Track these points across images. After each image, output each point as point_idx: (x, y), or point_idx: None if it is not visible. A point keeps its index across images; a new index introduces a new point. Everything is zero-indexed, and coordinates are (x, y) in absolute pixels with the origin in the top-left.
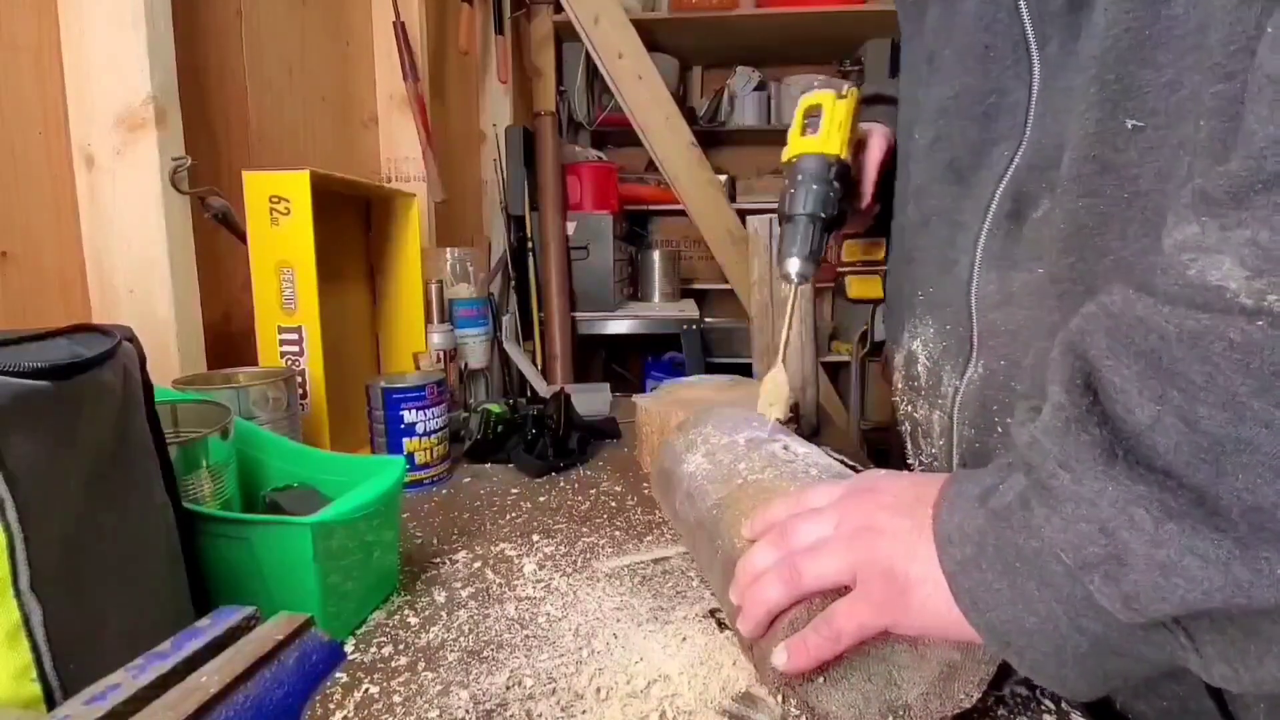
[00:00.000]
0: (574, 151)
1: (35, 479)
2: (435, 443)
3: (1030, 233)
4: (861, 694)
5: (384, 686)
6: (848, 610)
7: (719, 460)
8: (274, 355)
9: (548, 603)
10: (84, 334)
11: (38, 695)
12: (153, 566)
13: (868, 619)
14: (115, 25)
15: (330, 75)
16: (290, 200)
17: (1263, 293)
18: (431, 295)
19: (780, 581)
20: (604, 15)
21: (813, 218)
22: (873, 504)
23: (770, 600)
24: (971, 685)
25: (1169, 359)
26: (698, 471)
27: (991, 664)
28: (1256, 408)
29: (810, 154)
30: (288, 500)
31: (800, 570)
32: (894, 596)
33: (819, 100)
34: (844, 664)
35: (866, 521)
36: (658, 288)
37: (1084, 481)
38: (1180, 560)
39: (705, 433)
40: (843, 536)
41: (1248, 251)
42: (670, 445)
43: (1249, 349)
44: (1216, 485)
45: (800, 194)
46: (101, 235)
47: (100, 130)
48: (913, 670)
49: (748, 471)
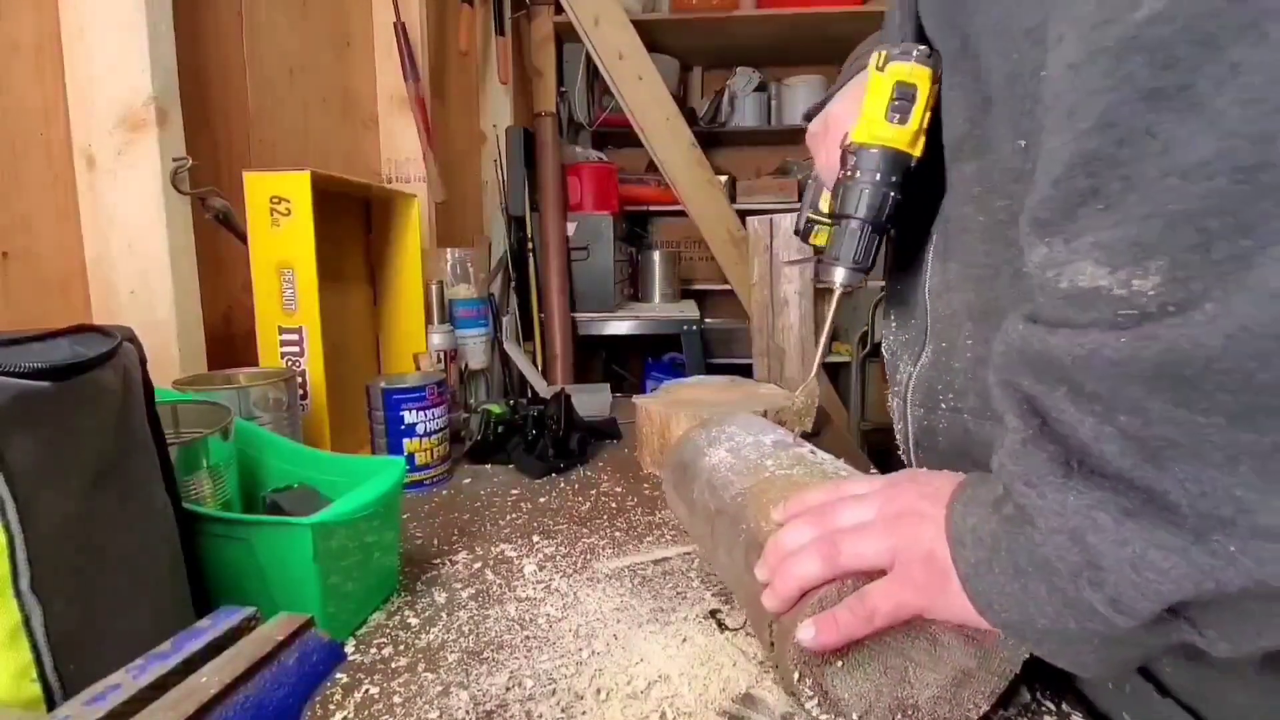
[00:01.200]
0: (574, 152)
1: (36, 479)
2: (436, 443)
3: (954, 227)
4: (874, 685)
5: (384, 687)
6: (885, 590)
7: (744, 455)
8: (274, 356)
9: (548, 603)
10: (84, 334)
11: (38, 695)
12: (153, 567)
13: (906, 599)
14: (116, 26)
15: (331, 76)
16: (291, 201)
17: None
18: (432, 296)
19: (818, 556)
20: (604, 16)
21: (875, 225)
22: (915, 492)
23: (805, 574)
24: (981, 696)
25: (1078, 381)
26: (720, 464)
27: (1004, 679)
28: (1156, 409)
29: (892, 148)
30: (288, 501)
31: (839, 547)
32: (934, 580)
33: (914, 78)
34: (864, 650)
35: (910, 507)
36: (658, 288)
37: (1047, 495)
38: (1145, 553)
39: (729, 431)
40: (885, 519)
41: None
42: (691, 439)
43: (1125, 363)
44: (1161, 481)
45: (868, 192)
46: (102, 236)
47: (101, 131)
48: (928, 670)
49: (775, 467)
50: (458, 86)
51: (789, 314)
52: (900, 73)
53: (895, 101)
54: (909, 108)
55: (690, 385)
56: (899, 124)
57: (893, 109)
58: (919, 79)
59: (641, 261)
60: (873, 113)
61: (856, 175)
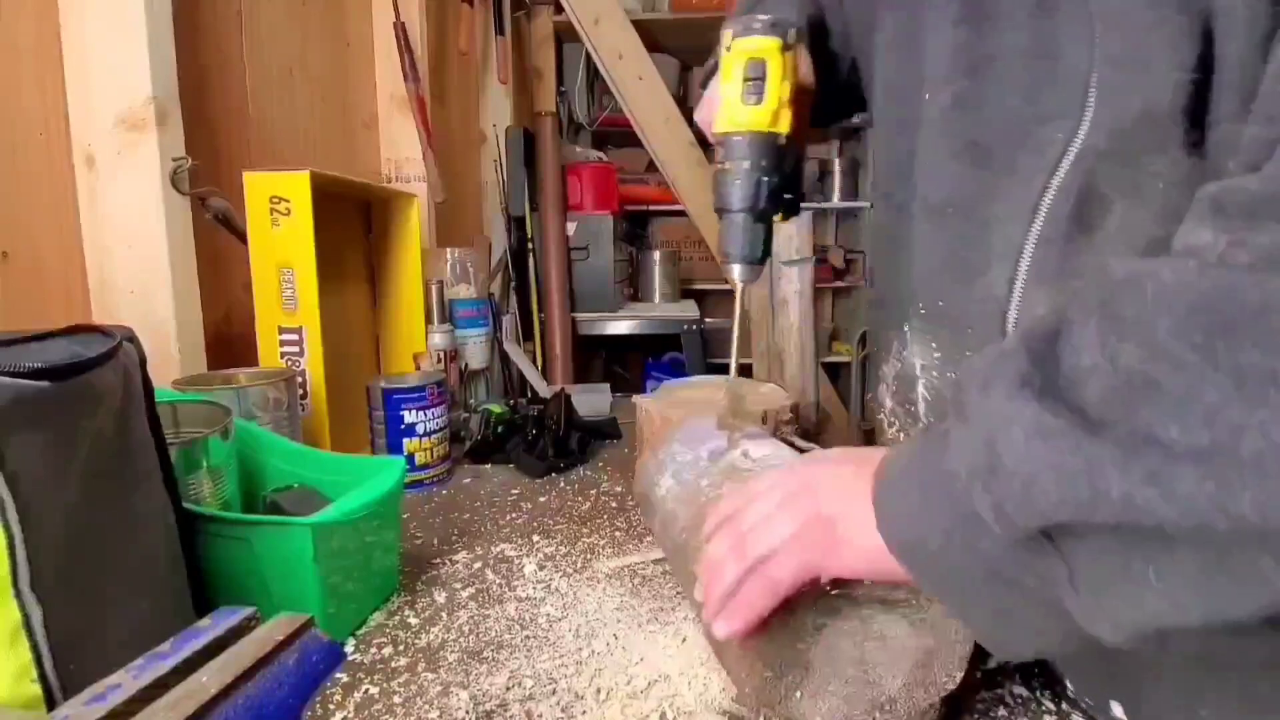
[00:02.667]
0: (574, 152)
1: (35, 479)
2: (435, 443)
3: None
4: (843, 698)
5: (384, 687)
6: (781, 557)
7: (684, 480)
8: (274, 356)
9: (548, 603)
10: (84, 334)
11: (38, 695)
12: (153, 567)
13: (804, 559)
14: (116, 26)
15: (331, 76)
16: (291, 201)
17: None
18: (432, 296)
19: (733, 560)
20: (604, 16)
21: (755, 213)
22: (812, 468)
23: (726, 580)
24: (952, 665)
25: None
26: (668, 495)
27: (966, 641)
28: (1170, 346)
29: (754, 131)
30: (288, 501)
31: (747, 547)
32: (825, 538)
33: (762, 52)
34: (818, 675)
35: (805, 483)
36: (658, 288)
37: (990, 399)
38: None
39: (672, 451)
40: (784, 503)
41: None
42: (644, 469)
43: (1176, 288)
44: (1118, 421)
45: (741, 184)
46: (102, 236)
47: (101, 131)
48: (888, 665)
49: (710, 488)
50: (457, 86)
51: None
52: (746, 49)
53: (748, 81)
54: (762, 85)
55: (690, 385)
56: (755, 104)
57: (748, 91)
58: (767, 52)
59: (641, 261)
60: (729, 97)
61: (727, 166)
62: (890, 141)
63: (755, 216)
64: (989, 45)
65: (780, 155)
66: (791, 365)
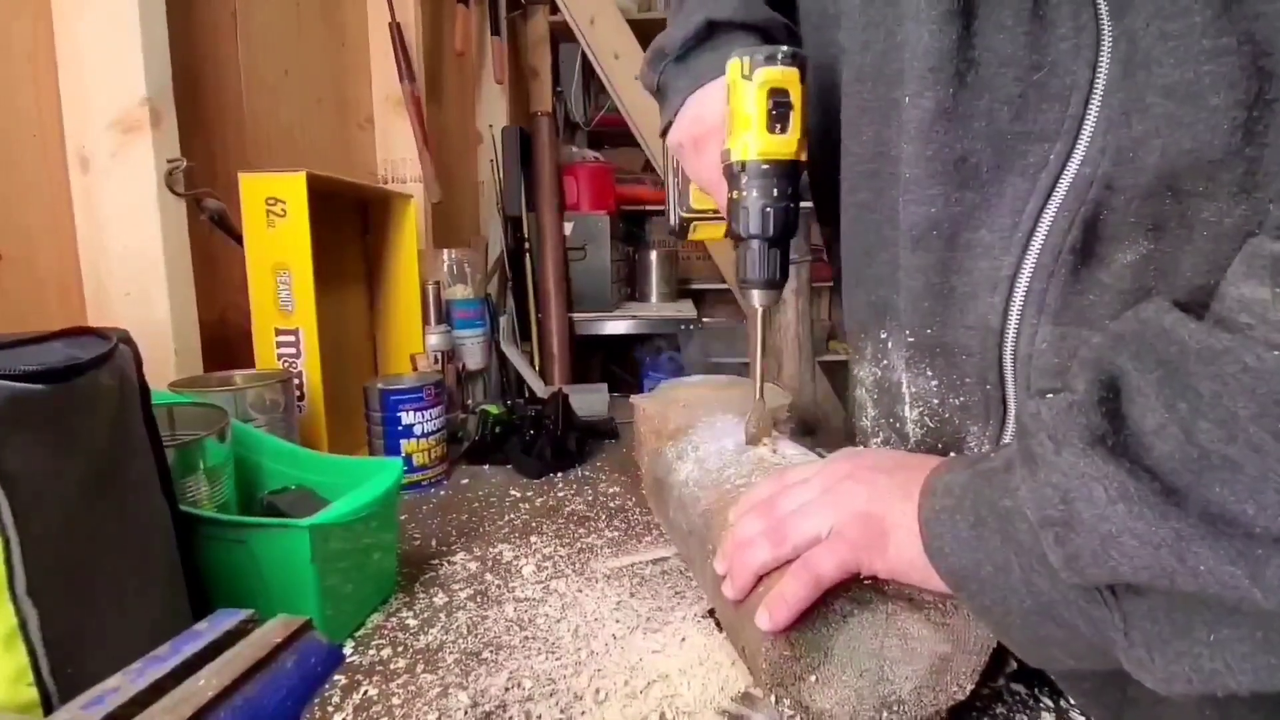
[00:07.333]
0: (571, 152)
1: (31, 482)
2: (433, 444)
3: (1115, 281)
4: (854, 690)
5: (383, 689)
6: (823, 551)
7: (708, 467)
8: (271, 357)
9: (546, 604)
10: (80, 337)
11: (34, 700)
12: (150, 570)
13: (845, 556)
14: (110, 27)
15: (326, 77)
16: (286, 202)
17: None
18: (429, 296)
19: (767, 543)
20: (600, 16)
21: (776, 241)
22: (853, 463)
23: (757, 561)
24: (964, 676)
25: (1184, 371)
26: (688, 479)
27: (982, 654)
28: (1252, 431)
29: (779, 159)
30: (285, 502)
31: (785, 531)
32: (871, 537)
33: (785, 82)
34: (835, 662)
35: (847, 475)
36: (655, 288)
37: (1063, 453)
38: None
39: (694, 440)
40: (825, 493)
41: None
42: (662, 454)
43: (1260, 375)
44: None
45: (771, 212)
46: (97, 237)
47: (95, 132)
48: (904, 664)
49: (736, 477)
50: (453, 87)
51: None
52: (772, 79)
53: (774, 111)
54: (787, 114)
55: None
56: (781, 133)
57: (772, 119)
58: (789, 83)
59: (639, 261)
60: (752, 126)
61: (752, 195)
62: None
63: (774, 242)
64: (975, 49)
65: (797, 182)
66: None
